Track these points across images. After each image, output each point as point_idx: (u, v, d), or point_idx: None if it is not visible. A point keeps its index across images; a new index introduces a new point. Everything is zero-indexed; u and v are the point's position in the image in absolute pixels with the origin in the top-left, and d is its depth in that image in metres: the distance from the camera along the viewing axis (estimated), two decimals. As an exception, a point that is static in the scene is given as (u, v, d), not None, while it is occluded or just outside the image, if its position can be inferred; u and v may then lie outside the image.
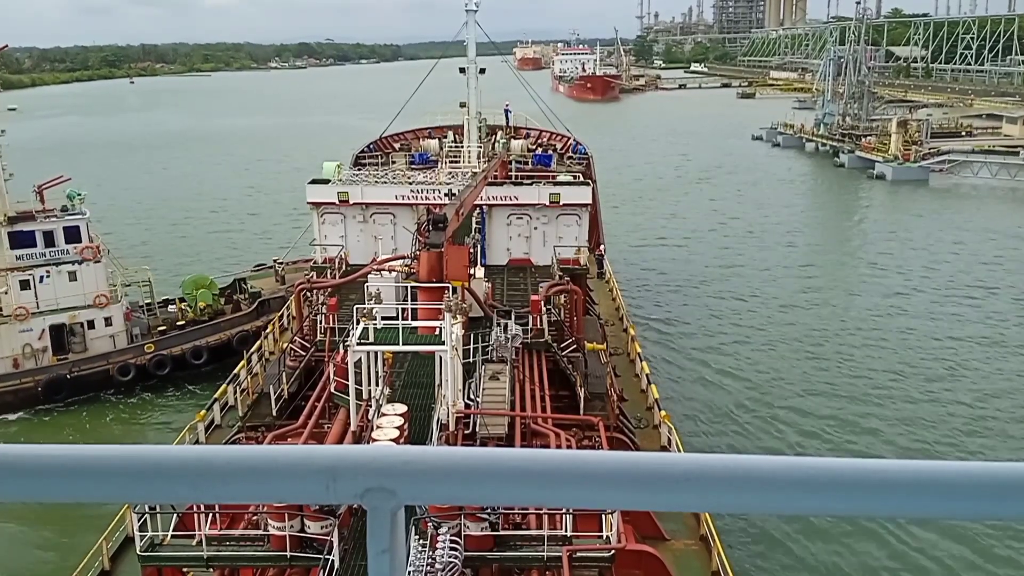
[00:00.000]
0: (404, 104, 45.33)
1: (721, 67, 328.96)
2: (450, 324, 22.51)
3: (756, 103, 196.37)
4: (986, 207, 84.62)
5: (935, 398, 40.43)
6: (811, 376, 43.33)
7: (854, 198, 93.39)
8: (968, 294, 56.30)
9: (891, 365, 44.17)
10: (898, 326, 50.24)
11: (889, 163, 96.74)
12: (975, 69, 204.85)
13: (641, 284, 58.89)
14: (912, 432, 37.11)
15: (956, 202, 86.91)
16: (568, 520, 18.50)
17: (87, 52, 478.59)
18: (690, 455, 1.66)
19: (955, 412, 38.77)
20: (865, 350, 46.75)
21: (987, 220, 78.15)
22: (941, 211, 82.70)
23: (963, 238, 71.29)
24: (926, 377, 42.82)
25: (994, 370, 43.59)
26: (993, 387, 41.48)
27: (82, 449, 1.70)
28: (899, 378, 42.65)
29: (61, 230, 42.16)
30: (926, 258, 65.59)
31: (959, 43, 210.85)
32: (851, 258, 67.39)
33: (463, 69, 43.99)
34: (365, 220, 39.92)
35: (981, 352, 45.97)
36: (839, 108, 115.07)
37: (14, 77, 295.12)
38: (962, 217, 79.56)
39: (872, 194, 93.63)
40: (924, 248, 68.67)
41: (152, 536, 18.60)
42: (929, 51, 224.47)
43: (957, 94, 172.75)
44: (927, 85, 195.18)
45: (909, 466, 1.63)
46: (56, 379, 40.88)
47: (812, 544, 29.06)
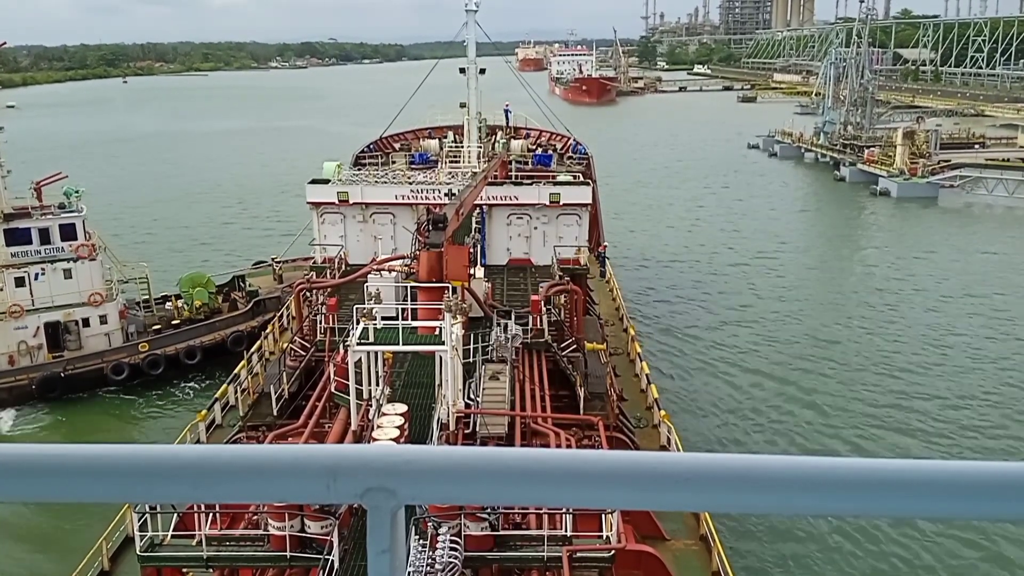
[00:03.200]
0: (404, 105, 45.39)
1: (725, 69, 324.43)
2: (450, 324, 22.52)
3: (757, 107, 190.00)
4: (1006, 230, 75.21)
5: (939, 431, 37.48)
6: (811, 376, 43.34)
7: (853, 220, 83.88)
8: (982, 334, 48.86)
9: (892, 375, 43.43)
10: (897, 351, 46.22)
11: (894, 178, 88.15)
12: (986, 73, 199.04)
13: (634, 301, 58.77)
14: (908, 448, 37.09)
15: (970, 224, 78.04)
16: (568, 520, 18.51)
17: (86, 51, 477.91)
18: (690, 455, 1.66)
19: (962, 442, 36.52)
20: (864, 352, 46.78)
21: (1007, 246, 68.67)
22: (953, 235, 73.49)
23: (976, 268, 62.88)
24: (929, 400, 40.23)
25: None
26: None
27: (82, 449, 1.70)
28: (901, 397, 41.75)
29: (57, 227, 42.21)
30: (932, 287, 58.10)
31: (970, 45, 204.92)
32: (844, 296, 57.48)
33: (463, 69, 44.07)
34: (365, 220, 39.94)
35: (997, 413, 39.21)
36: (840, 116, 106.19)
37: (4, 76, 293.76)
38: (976, 242, 70.35)
39: (874, 214, 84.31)
40: (931, 274, 61.17)
41: (152, 536, 18.60)
42: (939, 54, 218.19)
43: (967, 99, 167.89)
44: (936, 90, 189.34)
45: (909, 466, 1.63)
46: (50, 377, 41.05)
47: (812, 544, 29.07)
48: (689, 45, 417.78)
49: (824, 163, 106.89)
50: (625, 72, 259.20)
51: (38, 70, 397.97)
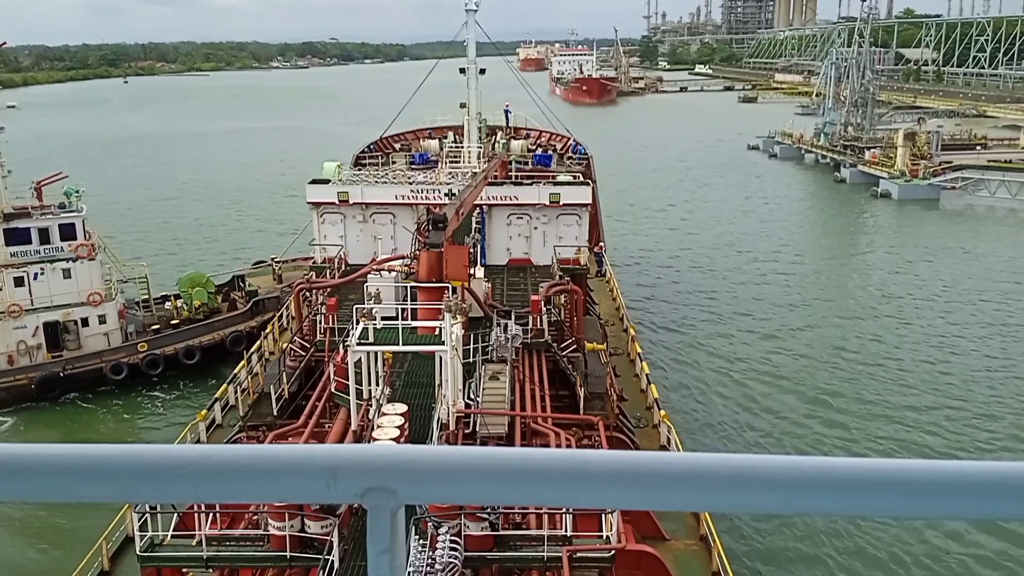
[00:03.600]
0: (404, 105, 45.39)
1: (726, 69, 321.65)
2: (450, 324, 22.52)
3: (758, 108, 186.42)
4: (1008, 233, 74.44)
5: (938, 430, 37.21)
6: (811, 377, 43.35)
7: (853, 221, 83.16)
8: (986, 338, 47.72)
9: (895, 378, 43.12)
10: (899, 350, 46.08)
11: (895, 180, 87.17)
12: (988, 73, 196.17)
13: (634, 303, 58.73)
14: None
15: (972, 226, 76.79)
16: (568, 520, 18.51)
17: (87, 51, 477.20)
18: (690, 455, 1.66)
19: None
20: (865, 352, 46.77)
21: (1010, 250, 67.90)
22: (955, 237, 72.27)
23: (979, 272, 61.36)
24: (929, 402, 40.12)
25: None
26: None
27: (82, 449, 1.70)
28: (902, 391, 41.90)
29: (56, 227, 42.31)
30: (934, 290, 56.78)
31: (972, 45, 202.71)
32: (844, 297, 56.77)
33: (463, 69, 44.11)
34: (365, 220, 39.95)
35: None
36: (841, 116, 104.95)
37: (5, 76, 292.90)
38: (978, 245, 69.50)
39: (874, 216, 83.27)
40: (933, 277, 59.81)
41: (152, 536, 18.60)
42: (941, 53, 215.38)
43: (970, 99, 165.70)
44: (938, 90, 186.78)
45: (909, 466, 1.63)
46: (49, 377, 41.16)
47: (812, 544, 29.06)
48: (691, 45, 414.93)
49: (825, 164, 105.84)
50: (626, 72, 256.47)
51: (39, 70, 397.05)
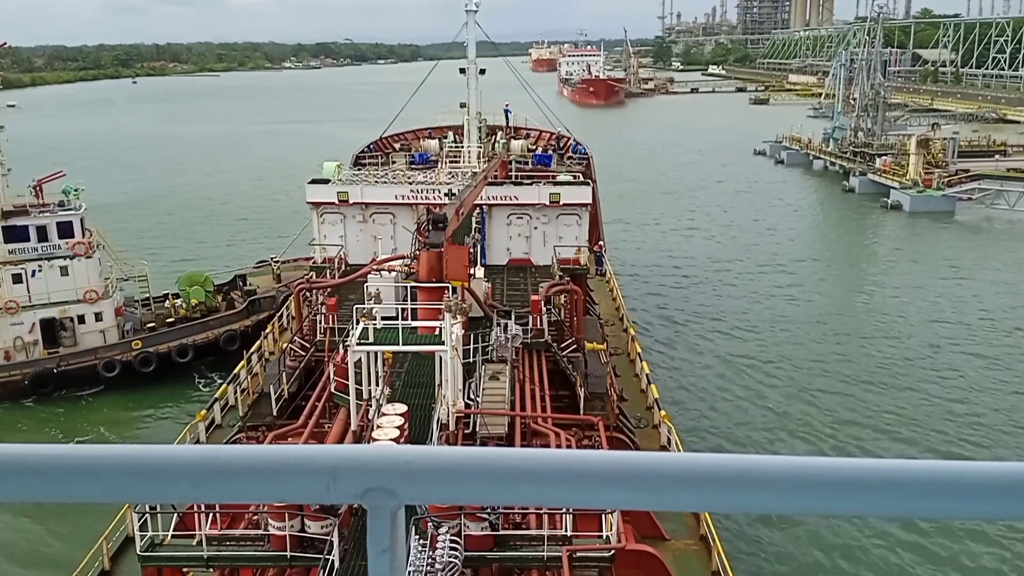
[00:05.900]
0: (404, 105, 45.34)
1: (740, 69, 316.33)
2: (450, 324, 22.52)
3: (769, 110, 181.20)
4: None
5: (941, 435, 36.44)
6: (810, 377, 43.35)
7: (860, 235, 77.02)
8: (1010, 370, 43.80)
9: (896, 384, 42.83)
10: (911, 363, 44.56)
11: (907, 190, 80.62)
12: (1008, 74, 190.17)
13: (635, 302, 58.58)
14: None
15: (990, 241, 71.27)
16: (568, 520, 18.51)
17: (101, 51, 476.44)
18: (690, 455, 1.66)
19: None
20: (867, 359, 46.75)
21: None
22: (970, 254, 66.57)
23: (996, 292, 56.54)
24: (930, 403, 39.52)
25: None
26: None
27: (82, 449, 1.70)
28: (905, 390, 41.79)
29: (54, 225, 42.55)
30: (948, 314, 52.59)
31: (992, 46, 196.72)
32: (846, 310, 54.14)
33: (463, 70, 44.05)
34: (365, 220, 39.95)
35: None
36: (851, 121, 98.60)
37: (14, 76, 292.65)
38: (995, 262, 63.74)
39: (884, 230, 77.07)
40: (947, 299, 55.52)
41: (152, 536, 18.61)
42: (959, 54, 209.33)
43: (989, 102, 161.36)
44: (956, 92, 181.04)
45: (909, 466, 1.63)
46: (43, 373, 41.46)
47: (812, 544, 29.07)
48: (705, 45, 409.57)
49: (834, 171, 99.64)
50: (635, 73, 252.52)
51: (52, 70, 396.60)
